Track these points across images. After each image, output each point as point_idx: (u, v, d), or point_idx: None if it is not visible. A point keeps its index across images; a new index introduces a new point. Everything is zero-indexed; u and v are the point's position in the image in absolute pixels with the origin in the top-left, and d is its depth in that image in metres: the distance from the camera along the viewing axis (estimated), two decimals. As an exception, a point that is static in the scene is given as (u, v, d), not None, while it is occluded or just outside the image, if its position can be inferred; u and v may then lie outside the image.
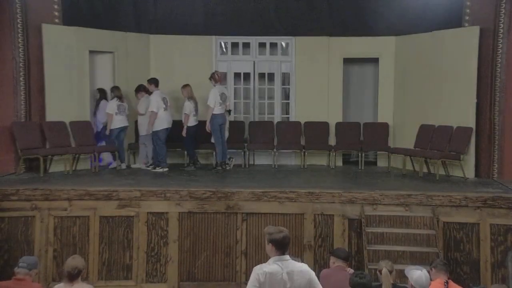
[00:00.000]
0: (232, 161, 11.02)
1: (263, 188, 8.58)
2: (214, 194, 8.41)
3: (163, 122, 10.63)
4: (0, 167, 9.74)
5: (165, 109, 10.68)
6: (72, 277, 5.10)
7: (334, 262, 5.99)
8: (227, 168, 10.75)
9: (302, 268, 4.49)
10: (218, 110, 10.42)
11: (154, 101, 10.56)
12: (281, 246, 4.47)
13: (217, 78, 10.56)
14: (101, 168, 10.76)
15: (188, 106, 10.75)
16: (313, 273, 4.53)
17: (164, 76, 11.60)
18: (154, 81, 10.75)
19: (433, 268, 5.73)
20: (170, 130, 10.75)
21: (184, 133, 10.69)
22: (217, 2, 11.65)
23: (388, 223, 8.09)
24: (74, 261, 5.23)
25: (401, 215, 8.13)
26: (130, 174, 10.19)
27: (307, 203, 8.34)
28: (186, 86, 10.79)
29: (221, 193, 8.42)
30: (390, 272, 5.52)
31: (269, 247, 4.51)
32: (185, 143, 10.95)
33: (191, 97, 10.79)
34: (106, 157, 11.25)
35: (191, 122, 10.78)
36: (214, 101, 10.35)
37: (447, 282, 5.58)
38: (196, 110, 10.84)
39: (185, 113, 10.74)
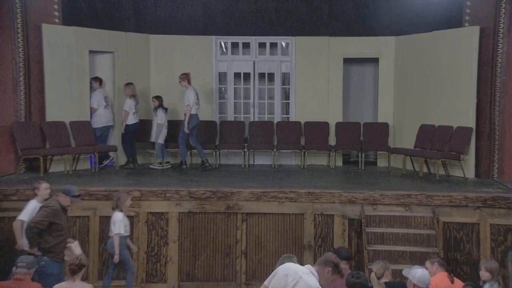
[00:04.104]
0: (186, 164, 11.00)
1: (263, 188, 8.58)
2: (214, 194, 8.41)
3: (101, 120, 10.83)
4: (0, 167, 9.74)
5: (106, 107, 10.86)
6: (75, 270, 5.08)
7: None
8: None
9: (312, 284, 4.46)
10: (194, 110, 10.54)
11: (95, 98, 10.83)
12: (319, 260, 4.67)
13: (190, 79, 10.65)
14: (101, 168, 10.76)
15: (129, 103, 10.83)
16: None
17: (164, 76, 11.63)
18: (98, 79, 10.98)
19: (436, 262, 5.78)
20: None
21: (122, 129, 10.82)
22: (217, 2, 11.65)
23: (388, 223, 8.09)
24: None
25: (401, 215, 8.13)
26: (130, 174, 10.20)
27: (307, 203, 8.34)
28: (129, 84, 10.91)
29: (221, 193, 8.42)
30: (382, 274, 5.52)
31: None
32: (123, 141, 10.97)
33: (133, 96, 10.87)
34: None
35: (131, 120, 10.84)
36: (193, 101, 10.44)
37: (451, 274, 5.66)
38: (137, 108, 10.91)
39: (125, 110, 10.83)
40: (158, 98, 11.00)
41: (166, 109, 10.99)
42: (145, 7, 11.61)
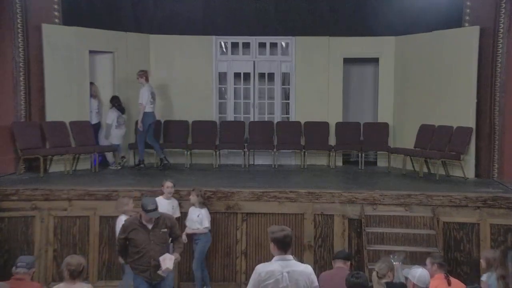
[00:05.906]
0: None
1: (263, 188, 8.58)
2: (214, 194, 8.41)
3: None
4: (0, 167, 9.73)
5: None
6: (76, 275, 5.08)
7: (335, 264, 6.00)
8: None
9: (304, 269, 4.49)
10: (149, 108, 10.56)
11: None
12: (282, 245, 4.50)
13: (148, 76, 10.68)
14: (101, 168, 10.77)
15: (91, 103, 10.90)
16: (314, 275, 4.53)
17: (164, 76, 11.62)
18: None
19: (435, 264, 5.79)
20: None
21: None
22: (217, 2, 11.65)
23: (388, 223, 8.09)
24: (76, 259, 5.21)
25: (401, 215, 8.14)
26: (130, 174, 10.20)
27: (307, 203, 8.34)
28: (90, 84, 10.90)
29: (221, 193, 8.42)
30: (384, 274, 5.50)
31: (271, 246, 4.56)
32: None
33: (95, 96, 10.92)
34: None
35: (93, 120, 10.91)
36: (146, 99, 10.47)
37: (448, 276, 5.67)
38: (98, 108, 10.96)
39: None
40: (112, 98, 10.99)
41: (121, 110, 10.95)
42: (145, 7, 11.60)
